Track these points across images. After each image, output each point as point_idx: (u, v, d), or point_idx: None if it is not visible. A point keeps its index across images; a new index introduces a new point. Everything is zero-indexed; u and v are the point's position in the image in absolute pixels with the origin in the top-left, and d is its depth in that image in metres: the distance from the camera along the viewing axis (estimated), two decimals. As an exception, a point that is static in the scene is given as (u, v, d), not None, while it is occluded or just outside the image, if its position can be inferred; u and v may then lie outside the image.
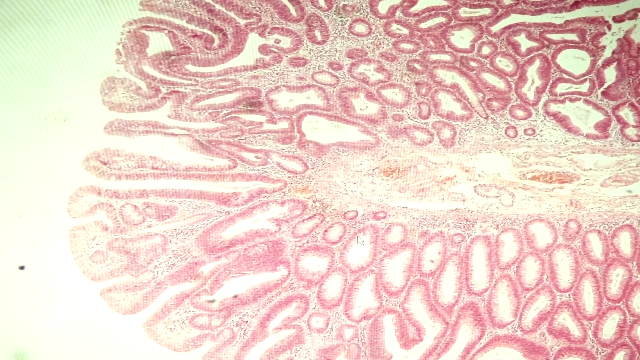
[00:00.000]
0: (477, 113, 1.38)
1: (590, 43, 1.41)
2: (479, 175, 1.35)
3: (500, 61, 1.40)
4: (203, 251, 1.28)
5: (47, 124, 1.30)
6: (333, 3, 1.41)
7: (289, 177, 1.32)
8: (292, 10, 1.41)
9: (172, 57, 1.36)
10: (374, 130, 1.36)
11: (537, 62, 1.40)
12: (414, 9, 1.42)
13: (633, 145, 1.37)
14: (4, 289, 1.24)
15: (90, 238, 1.27)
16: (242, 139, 1.33)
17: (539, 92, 1.39)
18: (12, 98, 1.31)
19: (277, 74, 1.37)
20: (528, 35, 1.41)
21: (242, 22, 1.39)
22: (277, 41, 1.39)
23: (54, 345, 1.24)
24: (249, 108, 1.35)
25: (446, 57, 1.40)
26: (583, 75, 1.40)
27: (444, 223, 1.32)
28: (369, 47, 1.40)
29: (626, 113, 1.39)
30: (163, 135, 1.32)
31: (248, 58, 1.38)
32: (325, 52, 1.39)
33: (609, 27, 1.42)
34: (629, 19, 1.43)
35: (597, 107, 1.39)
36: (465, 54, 1.40)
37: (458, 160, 1.36)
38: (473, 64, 1.40)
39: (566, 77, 1.40)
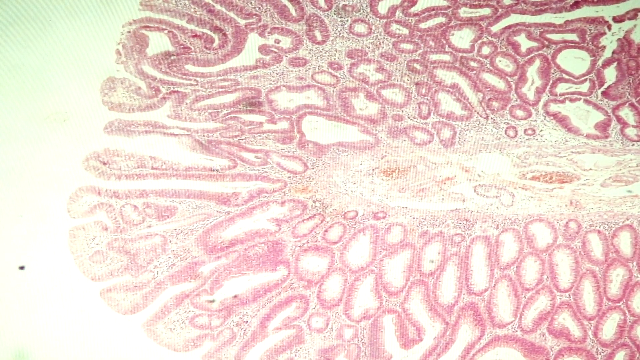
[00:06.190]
0: (477, 113, 1.38)
1: (590, 43, 1.41)
2: (479, 175, 1.35)
3: (500, 61, 1.40)
4: (203, 251, 1.28)
5: (47, 124, 1.31)
6: (333, 3, 1.41)
7: (289, 177, 1.32)
8: (292, 10, 1.41)
9: (172, 57, 1.36)
10: (374, 130, 1.36)
11: (537, 62, 1.40)
12: (414, 9, 1.42)
13: (633, 145, 1.37)
14: (4, 289, 1.24)
15: (90, 238, 1.27)
16: (242, 139, 1.33)
17: (539, 92, 1.39)
18: (12, 98, 1.31)
19: (277, 74, 1.37)
20: (528, 35, 1.41)
21: (242, 22, 1.39)
22: (277, 41, 1.39)
23: (54, 345, 1.24)
24: (249, 108, 1.35)
25: (446, 57, 1.40)
26: (583, 75, 1.40)
27: (443, 223, 1.32)
28: (369, 47, 1.40)
29: (626, 113, 1.39)
30: (163, 135, 1.32)
31: (248, 58, 1.38)
32: (325, 52, 1.39)
33: (609, 27, 1.42)
34: (629, 19, 1.43)
35: (597, 107, 1.39)
36: (465, 54, 1.40)
37: (458, 160, 1.36)
38: (473, 64, 1.40)
39: (566, 77, 1.40)
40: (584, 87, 1.40)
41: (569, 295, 1.31)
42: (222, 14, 1.39)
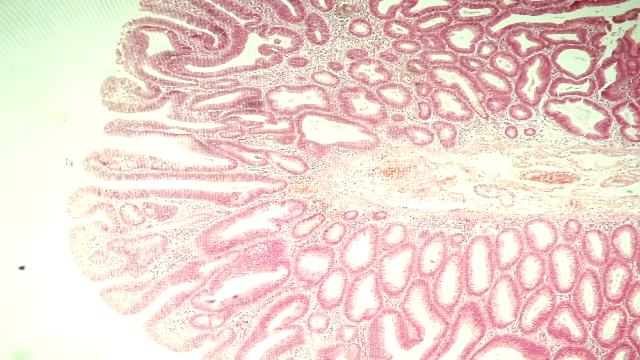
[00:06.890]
0: (477, 113, 1.38)
1: (590, 43, 1.41)
2: (479, 176, 1.35)
3: (500, 61, 1.40)
4: (203, 251, 1.28)
5: (47, 124, 1.31)
6: (333, 3, 1.41)
7: (289, 177, 1.32)
8: (292, 10, 1.41)
9: (172, 57, 1.36)
10: (374, 131, 1.36)
11: (537, 62, 1.40)
12: (414, 9, 1.42)
13: (633, 145, 1.37)
14: (4, 289, 1.24)
15: (90, 238, 1.27)
16: (242, 139, 1.33)
17: (539, 92, 1.39)
18: (12, 98, 1.31)
19: (277, 74, 1.37)
20: (528, 36, 1.41)
21: (242, 22, 1.39)
22: (277, 41, 1.39)
23: (54, 345, 1.24)
24: (249, 108, 1.35)
25: (446, 57, 1.40)
26: (583, 75, 1.40)
27: (444, 223, 1.32)
28: (369, 47, 1.40)
29: (626, 113, 1.39)
30: (163, 135, 1.32)
31: (248, 58, 1.38)
32: (325, 52, 1.39)
33: (609, 27, 1.42)
34: (629, 19, 1.43)
35: (597, 107, 1.39)
36: (465, 54, 1.40)
37: (458, 161, 1.36)
38: (473, 64, 1.40)
39: (566, 77, 1.40)
40: (584, 87, 1.40)
41: (569, 295, 1.31)
42: (222, 14, 1.39)
